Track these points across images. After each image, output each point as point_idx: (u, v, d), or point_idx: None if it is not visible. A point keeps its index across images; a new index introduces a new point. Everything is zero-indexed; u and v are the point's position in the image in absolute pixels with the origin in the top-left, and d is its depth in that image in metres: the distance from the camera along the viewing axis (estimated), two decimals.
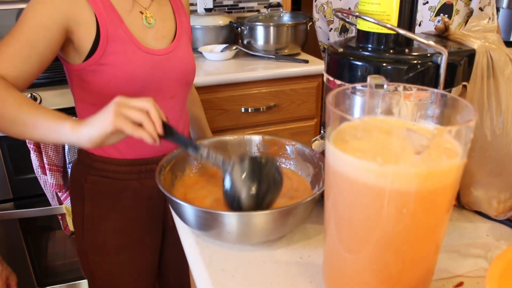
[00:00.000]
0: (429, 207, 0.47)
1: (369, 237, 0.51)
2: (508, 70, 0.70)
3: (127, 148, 1.06)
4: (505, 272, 0.44)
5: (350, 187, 0.49)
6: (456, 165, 0.46)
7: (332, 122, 0.50)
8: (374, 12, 0.66)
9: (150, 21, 1.04)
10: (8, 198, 1.67)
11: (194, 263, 0.69)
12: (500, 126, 0.70)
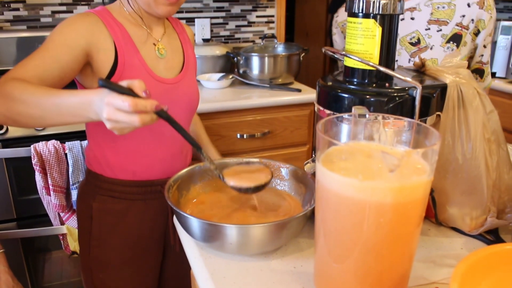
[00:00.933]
0: (402, 218, 0.56)
1: (354, 246, 0.60)
2: (476, 102, 0.80)
3: (134, 170, 1.14)
4: (467, 273, 0.53)
5: (336, 201, 0.58)
6: (424, 181, 0.55)
7: (321, 146, 0.59)
8: (358, 51, 0.76)
9: (162, 52, 1.14)
10: (12, 218, 1.73)
11: (199, 272, 0.77)
12: (470, 151, 0.80)
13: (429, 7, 1.19)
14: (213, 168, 0.87)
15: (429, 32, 1.18)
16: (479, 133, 0.80)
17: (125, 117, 0.73)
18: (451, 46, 1.19)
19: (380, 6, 0.72)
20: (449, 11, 1.18)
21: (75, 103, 0.81)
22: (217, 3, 2.54)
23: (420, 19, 1.19)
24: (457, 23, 1.18)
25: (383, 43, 0.75)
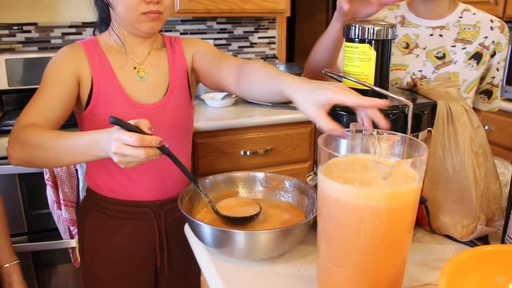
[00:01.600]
0: (395, 221, 0.63)
1: (352, 249, 0.66)
2: (464, 118, 0.87)
3: (122, 191, 1.20)
4: (453, 272, 0.59)
5: (335, 207, 0.65)
6: (414, 188, 0.61)
7: (323, 158, 0.67)
8: (355, 73, 0.84)
9: (142, 75, 1.17)
10: (23, 232, 1.80)
11: (210, 276, 0.83)
12: (459, 163, 0.87)
13: (456, 27, 1.29)
14: (207, 201, 0.94)
15: (454, 49, 1.28)
16: (467, 146, 0.87)
17: (132, 151, 0.81)
18: (471, 63, 1.28)
19: (374, 32, 0.80)
20: (474, 32, 1.29)
21: (84, 143, 0.90)
22: (220, 25, 2.64)
23: (448, 37, 1.29)
24: (480, 43, 1.28)
25: (377, 65, 0.83)
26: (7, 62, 2.14)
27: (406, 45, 1.31)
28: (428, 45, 1.29)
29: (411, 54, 1.30)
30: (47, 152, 0.94)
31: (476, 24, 1.29)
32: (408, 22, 1.32)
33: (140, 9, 1.07)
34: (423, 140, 0.87)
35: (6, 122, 1.93)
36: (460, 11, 1.31)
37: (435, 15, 1.30)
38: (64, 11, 2.37)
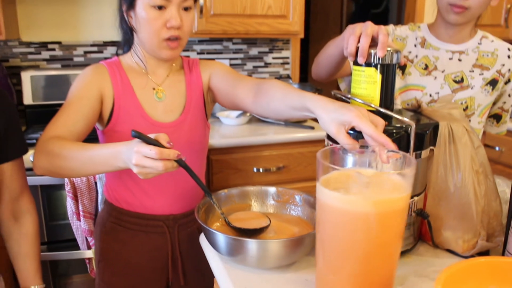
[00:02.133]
0: (385, 226, 0.68)
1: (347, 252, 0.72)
2: (465, 138, 0.93)
3: (137, 204, 1.26)
4: (448, 280, 0.64)
5: (329, 214, 0.71)
6: (402, 196, 0.68)
7: (321, 170, 0.72)
8: (362, 95, 0.90)
9: (160, 95, 1.24)
10: (43, 242, 1.86)
11: (223, 282, 0.88)
12: (459, 180, 0.92)
13: (475, 53, 1.34)
14: (220, 212, 1.00)
15: (472, 74, 1.33)
16: (468, 165, 0.92)
17: (151, 163, 0.87)
18: (488, 89, 1.33)
19: (379, 57, 0.87)
20: (492, 59, 1.34)
21: (106, 154, 0.97)
22: (236, 45, 2.73)
23: (467, 62, 1.34)
24: (497, 70, 1.34)
25: (382, 87, 0.89)
26: (32, 79, 2.24)
27: (425, 66, 1.35)
28: (447, 68, 1.34)
29: (429, 75, 1.34)
30: (70, 163, 1.01)
31: (494, 51, 1.34)
32: (429, 44, 1.36)
33: (161, 35, 1.14)
34: (425, 158, 0.92)
35: (29, 136, 2.01)
36: (479, 37, 1.36)
37: (455, 40, 1.35)
38: (87, 31, 2.48)
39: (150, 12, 1.12)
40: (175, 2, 1.12)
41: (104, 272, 1.30)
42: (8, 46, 2.35)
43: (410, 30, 1.40)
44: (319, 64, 1.27)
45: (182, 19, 1.14)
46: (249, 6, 2.30)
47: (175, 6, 1.12)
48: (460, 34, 1.34)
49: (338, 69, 1.23)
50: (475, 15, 1.28)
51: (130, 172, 1.17)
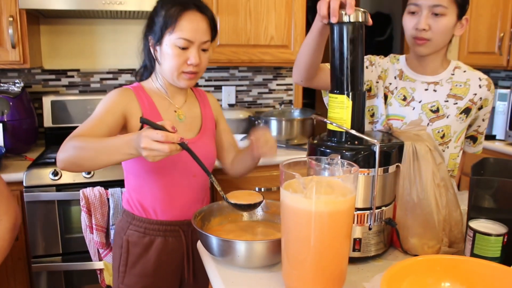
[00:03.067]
0: (336, 223, 0.83)
1: (303, 249, 0.85)
2: (427, 156, 1.06)
3: (157, 212, 1.41)
4: (393, 275, 0.77)
5: (288, 214, 0.85)
6: (348, 198, 0.83)
7: (285, 177, 0.86)
8: (336, 118, 1.05)
9: (181, 117, 1.44)
10: (58, 253, 2.01)
11: (214, 279, 1.02)
12: (422, 193, 1.05)
13: (449, 84, 1.45)
14: (219, 190, 1.16)
15: (447, 104, 1.43)
16: (430, 179, 1.05)
17: (158, 146, 1.02)
18: (462, 117, 1.44)
19: (349, 14, 1.01)
20: (464, 89, 1.44)
21: (119, 143, 1.12)
22: (242, 73, 2.91)
23: (441, 92, 1.44)
24: (470, 99, 1.43)
25: (353, 112, 1.03)
26: (52, 103, 2.44)
27: (403, 97, 1.46)
28: (423, 99, 1.44)
29: (408, 106, 1.45)
30: (88, 152, 1.15)
31: (466, 81, 1.44)
32: (406, 76, 1.47)
33: (182, 69, 1.35)
34: (392, 173, 1.06)
35: (48, 155, 2.19)
36: (452, 68, 1.47)
37: (429, 71, 1.45)
38: (103, 59, 2.68)
39: (175, 50, 1.32)
40: (196, 44, 1.33)
41: (125, 275, 1.43)
42: (32, 73, 2.55)
43: (391, 62, 1.52)
44: (298, 61, 1.36)
45: (201, 58, 1.35)
46: (253, 37, 2.49)
47: (195, 48, 1.34)
48: (432, 66, 1.45)
49: (316, 64, 1.33)
50: (438, 45, 1.38)
51: (151, 185, 1.36)
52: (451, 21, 1.34)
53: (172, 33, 1.31)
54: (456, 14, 1.34)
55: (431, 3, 1.32)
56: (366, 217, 1.04)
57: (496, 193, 1.03)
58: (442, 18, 1.33)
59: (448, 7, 1.32)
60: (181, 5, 1.33)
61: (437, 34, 1.35)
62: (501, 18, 3.00)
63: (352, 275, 1.00)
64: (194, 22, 1.33)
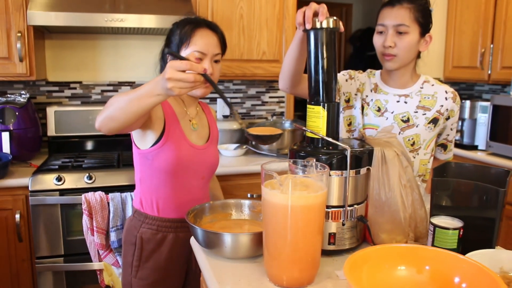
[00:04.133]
0: (309, 216, 0.96)
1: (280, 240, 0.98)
2: (395, 160, 1.19)
3: (169, 211, 1.54)
4: (354, 261, 0.89)
5: (268, 208, 0.98)
6: (320, 194, 0.96)
7: (265, 177, 1.00)
8: (313, 126, 1.18)
9: (195, 126, 1.59)
10: (60, 254, 2.13)
11: (204, 267, 1.14)
12: (390, 192, 1.18)
13: (418, 96, 1.59)
14: (240, 123, 1.30)
15: (416, 114, 1.58)
16: (396, 181, 1.19)
17: (182, 75, 1.06)
18: (430, 126, 1.58)
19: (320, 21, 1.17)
20: (432, 101, 1.59)
21: (148, 86, 1.16)
22: (236, 86, 3.05)
23: (411, 104, 1.59)
24: (437, 110, 1.58)
25: (328, 121, 1.17)
26: (56, 113, 2.57)
27: (378, 108, 1.60)
28: (395, 110, 1.59)
29: (382, 116, 1.59)
30: (120, 102, 1.20)
31: (434, 94, 1.59)
32: (380, 89, 1.63)
33: None
34: (363, 175, 1.19)
35: (52, 162, 2.32)
36: (421, 82, 1.61)
37: (400, 85, 1.60)
38: (104, 72, 2.83)
39: None
40: (209, 56, 1.49)
41: (139, 270, 1.54)
42: (36, 85, 2.69)
43: (367, 77, 1.67)
44: (284, 68, 1.50)
45: (213, 68, 1.51)
46: (246, 52, 2.64)
47: (208, 59, 1.49)
48: (402, 80, 1.59)
49: (299, 71, 1.45)
50: (404, 60, 1.53)
51: (165, 186, 1.51)
52: (414, 39, 1.49)
53: (187, 48, 1.47)
54: (419, 32, 1.50)
55: (395, 22, 1.48)
56: (340, 214, 1.17)
57: (453, 192, 1.16)
58: (406, 36, 1.48)
59: (410, 26, 1.47)
60: (193, 24, 1.50)
61: (402, 50, 1.50)
62: (482, 35, 3.16)
63: (327, 266, 1.13)
64: (206, 37, 1.49)
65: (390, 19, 1.49)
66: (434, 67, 3.51)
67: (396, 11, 1.48)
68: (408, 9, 1.48)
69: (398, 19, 1.48)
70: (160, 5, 2.41)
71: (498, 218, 1.11)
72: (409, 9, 1.48)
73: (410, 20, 1.47)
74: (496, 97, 2.83)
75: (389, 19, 1.49)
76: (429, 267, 0.92)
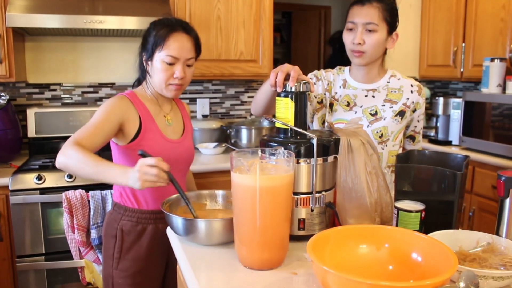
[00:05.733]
0: (276, 197, 1.01)
1: (248, 223, 1.03)
2: (360, 149, 1.25)
3: (148, 203, 1.59)
4: (317, 240, 0.95)
5: (237, 191, 1.04)
6: (284, 175, 1.02)
7: (234, 164, 1.05)
8: (282, 117, 1.24)
9: (170, 121, 1.65)
10: (41, 253, 2.15)
11: (179, 255, 1.19)
12: (356, 179, 1.24)
13: (385, 90, 1.67)
14: (193, 212, 1.33)
15: (384, 108, 1.65)
16: (362, 168, 1.25)
17: (149, 170, 1.23)
18: (398, 119, 1.65)
19: (291, 88, 1.21)
20: (398, 95, 1.66)
21: (117, 171, 1.32)
22: (215, 86, 3.10)
23: (379, 98, 1.66)
24: (404, 103, 1.66)
25: (296, 111, 1.22)
26: (36, 115, 2.59)
27: (347, 103, 1.67)
28: (364, 104, 1.66)
29: (351, 111, 1.66)
30: (86, 169, 1.34)
31: (400, 88, 1.67)
32: (349, 85, 1.69)
33: (168, 81, 1.56)
34: (330, 163, 1.25)
35: (32, 162, 2.34)
36: (388, 76, 1.69)
37: (368, 80, 1.68)
38: (84, 74, 2.85)
39: (163, 65, 1.54)
40: (181, 60, 1.55)
41: (120, 261, 1.59)
42: (16, 87, 2.71)
43: (337, 73, 1.73)
44: (257, 101, 1.59)
45: (185, 72, 1.57)
46: (223, 52, 2.69)
47: (181, 64, 1.55)
48: (369, 75, 1.66)
49: (271, 105, 1.53)
50: (372, 57, 1.60)
51: None
52: (382, 37, 1.56)
53: (161, 51, 1.53)
54: (387, 31, 1.57)
55: (364, 21, 1.54)
56: (309, 200, 1.23)
57: (416, 178, 1.23)
58: (374, 33, 1.55)
59: (379, 25, 1.54)
60: (169, 27, 1.55)
61: (370, 48, 1.57)
62: (454, 34, 3.27)
63: (297, 250, 1.18)
64: (180, 41, 1.54)
65: (360, 17, 1.56)
66: (409, 66, 3.61)
67: (366, 10, 1.55)
68: (377, 8, 1.54)
69: (368, 18, 1.54)
70: (139, 7, 2.45)
71: (457, 201, 1.18)
72: (378, 8, 1.54)
73: (379, 19, 1.54)
74: (467, 94, 2.93)
75: (358, 17, 1.56)
76: (388, 244, 0.98)
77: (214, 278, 1.05)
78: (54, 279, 2.20)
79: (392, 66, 1.74)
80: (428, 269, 0.90)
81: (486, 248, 1.07)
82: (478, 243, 1.10)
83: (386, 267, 0.96)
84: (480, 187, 2.73)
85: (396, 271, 0.95)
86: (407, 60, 3.57)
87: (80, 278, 2.17)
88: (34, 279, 2.16)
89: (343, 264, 0.95)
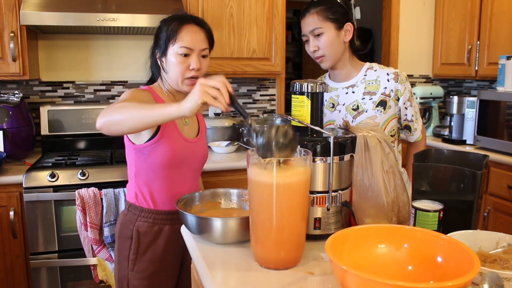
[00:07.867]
0: (294, 194, 1.00)
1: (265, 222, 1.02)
2: (377, 147, 1.24)
3: (164, 203, 1.58)
4: (335, 240, 0.93)
5: (253, 187, 1.03)
6: (302, 171, 1.01)
7: (250, 161, 1.04)
8: (298, 115, 1.22)
9: (186, 120, 1.64)
10: (54, 250, 2.16)
11: (194, 253, 1.18)
12: (372, 178, 1.22)
13: (363, 84, 1.69)
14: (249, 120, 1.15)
15: (364, 101, 1.67)
16: (379, 167, 1.23)
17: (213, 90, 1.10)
18: (380, 109, 1.66)
19: (308, 88, 1.20)
20: (376, 85, 1.67)
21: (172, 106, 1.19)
22: None
23: (358, 92, 1.68)
24: (382, 92, 1.66)
25: (312, 110, 1.21)
26: (49, 113, 2.60)
27: (332, 105, 1.72)
28: (346, 101, 1.70)
29: (335, 111, 1.70)
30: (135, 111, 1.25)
31: (376, 78, 1.68)
32: (331, 88, 1.74)
33: (185, 75, 1.53)
34: (347, 161, 1.23)
35: (46, 160, 2.35)
36: (364, 70, 1.71)
37: (344, 77, 1.71)
38: (96, 72, 2.86)
39: (178, 58, 1.52)
40: (196, 51, 1.54)
41: (136, 263, 1.57)
42: (30, 85, 2.72)
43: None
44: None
45: (201, 64, 1.55)
46: (236, 51, 2.68)
47: (195, 54, 1.53)
48: (344, 72, 1.70)
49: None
50: (334, 56, 1.64)
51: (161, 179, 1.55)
52: (330, 35, 1.61)
53: (174, 44, 1.51)
54: (334, 27, 1.62)
55: (309, 29, 1.63)
56: (325, 199, 1.21)
57: (433, 177, 1.21)
58: (322, 36, 1.62)
59: (322, 27, 1.60)
60: (180, 20, 1.55)
61: (326, 49, 1.63)
62: (468, 32, 3.22)
63: (313, 249, 1.17)
64: (192, 33, 1.53)
65: (306, 28, 1.64)
66: (423, 64, 3.57)
67: (307, 19, 1.64)
68: (315, 13, 1.62)
69: (311, 25, 1.62)
70: (151, 5, 2.44)
71: (476, 201, 1.15)
72: (316, 13, 1.61)
73: (321, 21, 1.60)
74: (482, 92, 2.88)
75: (305, 28, 1.65)
76: (407, 244, 0.96)
77: (230, 277, 1.04)
78: (67, 276, 2.20)
79: (405, 64, 1.74)
80: (448, 270, 0.88)
81: (507, 249, 1.04)
82: (498, 244, 1.07)
83: (405, 267, 0.94)
84: (495, 187, 2.69)
85: (416, 271, 0.93)
86: (420, 59, 3.53)
87: (92, 275, 2.18)
88: (47, 277, 2.17)
89: (361, 264, 0.93)
